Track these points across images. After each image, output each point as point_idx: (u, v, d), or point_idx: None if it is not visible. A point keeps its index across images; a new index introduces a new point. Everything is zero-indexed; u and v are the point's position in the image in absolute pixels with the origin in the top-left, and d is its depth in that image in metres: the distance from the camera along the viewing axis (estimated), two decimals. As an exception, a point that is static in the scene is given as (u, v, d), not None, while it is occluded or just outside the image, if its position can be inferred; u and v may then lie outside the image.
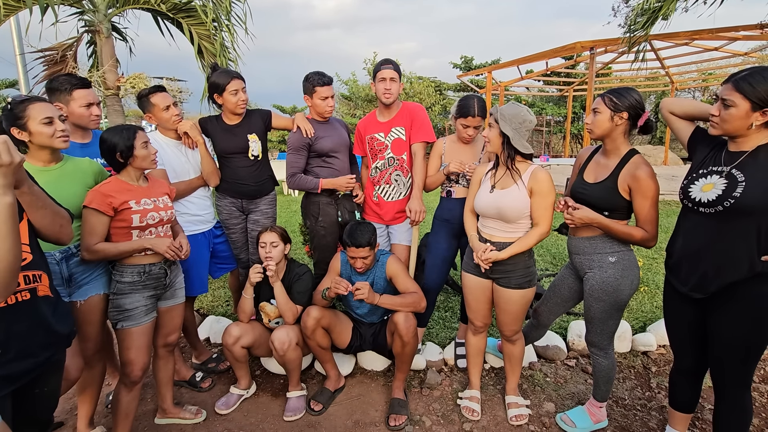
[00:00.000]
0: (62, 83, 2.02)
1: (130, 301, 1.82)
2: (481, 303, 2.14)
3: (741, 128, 1.44)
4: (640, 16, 6.23)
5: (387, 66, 2.47)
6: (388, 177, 2.60)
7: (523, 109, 1.90)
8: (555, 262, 4.41)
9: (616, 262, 1.84)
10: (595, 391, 2.08)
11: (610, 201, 1.80)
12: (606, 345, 1.96)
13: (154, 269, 1.88)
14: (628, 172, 1.76)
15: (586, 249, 1.90)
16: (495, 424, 2.15)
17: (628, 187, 1.76)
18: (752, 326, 1.50)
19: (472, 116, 2.27)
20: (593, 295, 1.88)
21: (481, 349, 2.29)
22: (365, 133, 2.66)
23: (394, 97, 2.51)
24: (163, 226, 1.94)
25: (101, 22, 3.95)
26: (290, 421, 2.19)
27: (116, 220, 1.78)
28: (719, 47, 10.81)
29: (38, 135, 1.60)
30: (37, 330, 1.27)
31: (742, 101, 1.40)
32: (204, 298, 3.61)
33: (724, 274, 1.51)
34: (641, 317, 3.13)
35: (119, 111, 4.20)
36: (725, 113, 1.44)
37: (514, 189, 1.93)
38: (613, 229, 1.79)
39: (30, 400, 1.31)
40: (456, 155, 2.41)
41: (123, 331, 1.83)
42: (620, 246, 1.85)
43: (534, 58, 11.61)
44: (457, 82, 21.09)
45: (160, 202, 1.92)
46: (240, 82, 2.47)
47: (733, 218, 1.47)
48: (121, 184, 1.83)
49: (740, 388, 1.60)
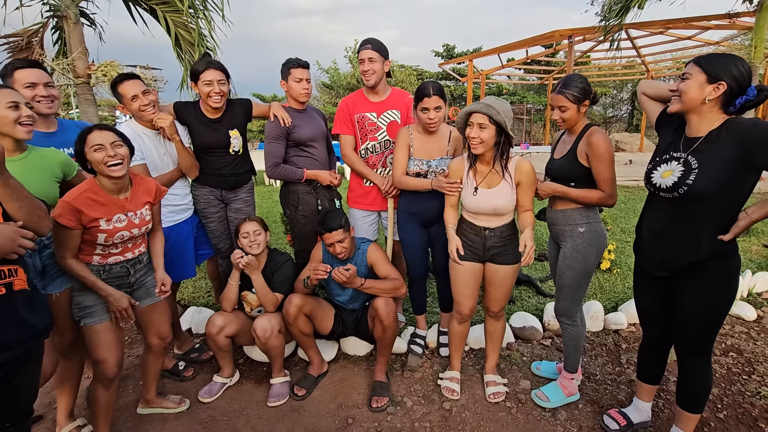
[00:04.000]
0: (5, 68, 1.89)
1: (89, 298, 1.78)
2: (472, 289, 2.18)
3: (696, 100, 1.50)
4: (615, 5, 6.34)
5: (365, 47, 2.44)
6: (384, 160, 2.60)
7: (506, 101, 1.98)
8: (535, 248, 4.53)
9: (584, 232, 1.99)
10: (566, 362, 2.20)
11: (572, 171, 1.96)
12: (574, 313, 2.10)
13: (115, 268, 1.84)
14: (584, 141, 1.92)
15: (559, 220, 2.06)
16: (474, 402, 2.23)
17: (586, 156, 1.90)
18: (711, 300, 1.60)
19: (428, 96, 2.19)
20: (565, 263, 2.03)
21: (465, 335, 2.35)
22: (354, 111, 2.57)
23: (376, 78, 2.46)
24: (131, 242, 1.87)
25: (68, 8, 3.79)
26: (274, 407, 2.22)
27: (84, 232, 1.72)
28: (692, 36, 11.10)
29: (2, 119, 1.53)
30: (13, 325, 1.26)
31: (699, 73, 1.49)
32: (185, 290, 3.58)
33: (684, 254, 1.60)
34: (613, 297, 3.26)
35: (91, 100, 4.07)
36: (683, 84, 1.53)
37: (504, 186, 2.00)
38: (572, 194, 1.96)
39: (8, 392, 1.30)
40: (423, 149, 2.36)
41: (87, 329, 1.79)
42: (588, 218, 2.00)
43: (514, 47, 11.70)
44: (439, 71, 21.08)
45: (137, 217, 1.83)
46: (216, 73, 2.37)
47: (689, 203, 1.55)
48: (96, 194, 1.73)
49: (701, 357, 1.71)
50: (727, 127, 1.49)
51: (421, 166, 2.34)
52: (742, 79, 1.44)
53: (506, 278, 2.12)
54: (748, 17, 8.00)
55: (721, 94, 1.47)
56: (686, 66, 1.55)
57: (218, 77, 2.38)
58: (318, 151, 2.62)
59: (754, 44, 6.18)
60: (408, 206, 2.45)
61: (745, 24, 8.95)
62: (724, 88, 1.45)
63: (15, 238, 1.24)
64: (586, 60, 16.79)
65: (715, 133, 1.51)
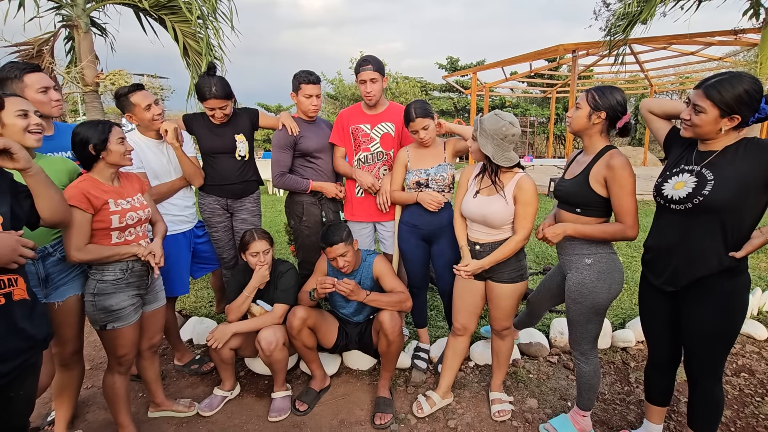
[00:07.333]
0: (10, 70, 1.83)
1: (116, 301, 1.77)
2: (468, 304, 2.15)
3: (711, 132, 1.50)
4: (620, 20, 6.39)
5: (366, 67, 2.43)
6: (376, 172, 2.59)
7: (506, 122, 1.88)
8: (538, 261, 4.49)
9: (592, 264, 1.82)
10: (578, 398, 2.02)
11: (581, 195, 1.80)
12: (587, 350, 1.93)
13: (136, 266, 1.85)
14: (602, 164, 1.75)
15: (566, 248, 1.93)
16: (479, 420, 2.18)
17: (604, 180, 1.73)
18: (722, 319, 1.56)
19: (412, 120, 2.27)
20: (570, 297, 1.88)
21: (458, 352, 2.24)
22: (349, 123, 2.60)
23: (377, 98, 2.50)
24: (141, 225, 1.90)
25: (79, 17, 3.85)
26: (275, 422, 2.18)
27: (95, 221, 1.72)
28: (695, 52, 11.14)
29: (11, 127, 1.53)
30: (12, 335, 1.24)
31: (712, 108, 1.44)
32: (187, 299, 3.55)
33: (694, 268, 1.56)
34: (621, 314, 3.21)
35: (98, 108, 4.11)
36: (696, 118, 1.49)
37: (498, 198, 1.96)
38: (586, 233, 1.79)
39: (5, 404, 1.27)
40: (420, 160, 2.40)
41: (114, 332, 1.80)
42: (597, 248, 1.83)
43: (518, 60, 11.76)
44: (443, 83, 21.23)
45: (136, 201, 1.87)
46: (216, 102, 2.38)
47: (701, 215, 1.52)
48: (96, 182, 1.76)
49: (712, 379, 1.66)
50: (745, 145, 1.48)
51: (420, 176, 2.38)
52: (754, 102, 1.41)
53: (503, 298, 2.06)
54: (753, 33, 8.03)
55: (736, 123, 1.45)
56: (695, 92, 1.49)
57: (219, 105, 2.41)
58: (324, 162, 2.62)
59: (760, 60, 6.19)
60: (410, 218, 2.45)
61: (749, 40, 8.99)
62: (739, 120, 1.44)
63: (16, 247, 1.22)
64: (589, 74, 16.88)
65: (731, 148, 1.49)
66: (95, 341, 2.88)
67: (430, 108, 2.32)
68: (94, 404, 2.33)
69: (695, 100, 1.48)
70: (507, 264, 2.02)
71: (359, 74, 2.46)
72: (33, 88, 1.85)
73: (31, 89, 1.84)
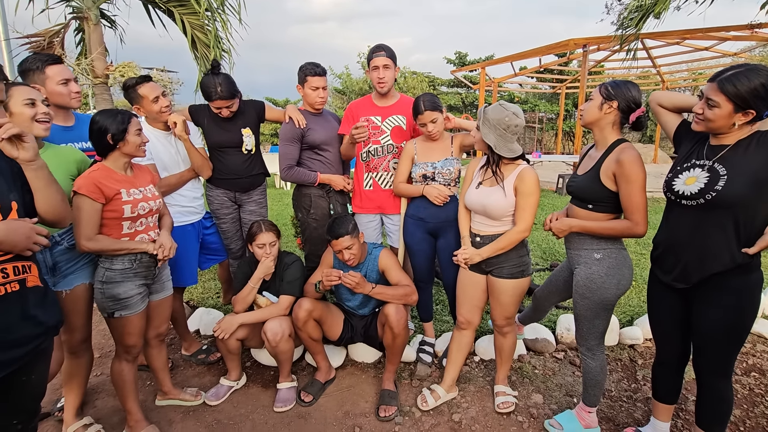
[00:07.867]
0: (33, 62, 1.90)
1: (124, 290, 1.80)
2: (470, 298, 2.15)
3: (724, 127, 1.47)
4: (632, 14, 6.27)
5: (379, 53, 2.42)
6: (386, 165, 2.58)
7: (509, 112, 1.86)
8: (545, 257, 4.46)
9: (601, 260, 1.79)
10: (584, 394, 2.00)
11: (592, 191, 1.77)
12: (593, 346, 1.90)
13: (144, 257, 1.86)
14: (612, 158, 1.70)
15: (574, 243, 1.90)
16: (484, 414, 2.17)
17: (614, 175, 1.69)
18: (733, 317, 1.53)
19: (421, 113, 2.26)
20: (578, 291, 1.85)
21: (462, 346, 2.24)
22: (359, 114, 2.58)
23: (389, 85, 2.48)
24: (152, 215, 1.92)
25: (89, 9, 3.86)
26: (280, 412, 2.19)
27: (106, 210, 1.74)
28: (709, 47, 10.92)
29: (19, 116, 1.54)
30: (25, 322, 1.25)
31: (726, 103, 1.41)
32: (194, 290, 3.58)
33: (705, 264, 1.54)
34: (629, 311, 3.18)
35: (108, 100, 4.13)
36: (709, 113, 1.46)
37: (498, 189, 1.95)
38: (593, 230, 1.78)
39: (17, 388, 1.29)
40: (427, 153, 2.40)
41: (122, 320, 1.82)
42: (607, 243, 1.80)
43: (527, 55, 11.62)
44: (451, 78, 21.09)
45: (148, 191, 1.89)
46: (222, 102, 2.38)
47: (713, 211, 1.49)
48: (109, 172, 1.78)
49: (721, 377, 1.64)
50: (758, 139, 1.44)
51: (426, 169, 2.38)
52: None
53: (503, 293, 2.05)
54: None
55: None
56: (708, 85, 1.46)
57: (225, 104, 2.40)
58: (332, 154, 2.62)
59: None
60: (416, 211, 2.45)
61: (766, 35, 8.80)
62: (754, 115, 1.40)
63: (31, 235, 1.24)
64: (600, 69, 16.66)
65: (744, 142, 1.46)
66: (104, 330, 2.91)
67: (438, 101, 2.31)
68: (103, 391, 2.36)
69: (709, 93, 1.45)
70: (507, 259, 2.01)
71: (372, 60, 2.45)
72: (54, 79, 1.90)
73: (52, 81, 1.89)
